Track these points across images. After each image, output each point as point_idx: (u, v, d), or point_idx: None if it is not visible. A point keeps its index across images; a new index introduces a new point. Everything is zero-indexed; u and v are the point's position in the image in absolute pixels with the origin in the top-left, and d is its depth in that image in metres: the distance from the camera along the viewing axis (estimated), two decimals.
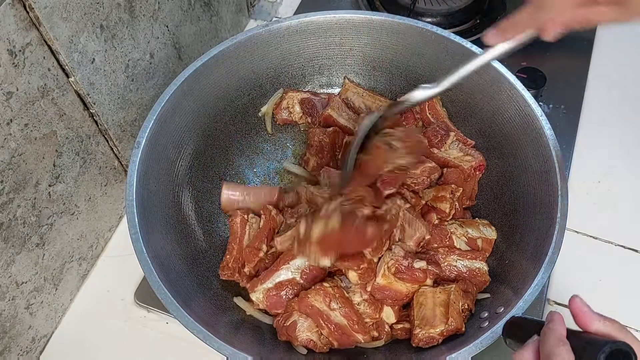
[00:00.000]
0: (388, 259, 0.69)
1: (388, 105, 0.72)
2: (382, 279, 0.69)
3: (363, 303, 0.70)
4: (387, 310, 0.71)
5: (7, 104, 0.60)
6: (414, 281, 0.68)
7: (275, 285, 0.71)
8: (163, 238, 0.71)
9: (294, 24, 0.83)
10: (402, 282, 0.68)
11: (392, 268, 0.68)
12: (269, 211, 0.77)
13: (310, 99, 0.88)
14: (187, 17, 0.89)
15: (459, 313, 0.67)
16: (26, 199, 0.67)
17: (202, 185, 0.82)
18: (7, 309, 0.70)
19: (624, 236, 0.86)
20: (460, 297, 0.69)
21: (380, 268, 0.69)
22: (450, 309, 0.67)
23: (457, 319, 0.66)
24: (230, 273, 0.75)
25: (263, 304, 0.71)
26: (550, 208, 0.67)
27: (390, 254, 0.69)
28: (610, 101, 1.00)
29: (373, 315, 0.70)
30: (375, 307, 0.70)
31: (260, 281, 0.72)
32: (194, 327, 0.60)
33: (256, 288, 0.71)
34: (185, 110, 0.78)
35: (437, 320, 0.66)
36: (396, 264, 0.68)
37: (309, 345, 0.69)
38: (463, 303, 0.69)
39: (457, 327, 0.66)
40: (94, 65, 0.71)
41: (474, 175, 0.81)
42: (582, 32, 1.11)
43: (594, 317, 0.46)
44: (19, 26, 0.59)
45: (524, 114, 0.74)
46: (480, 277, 0.72)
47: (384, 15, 0.83)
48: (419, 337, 0.66)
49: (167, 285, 0.63)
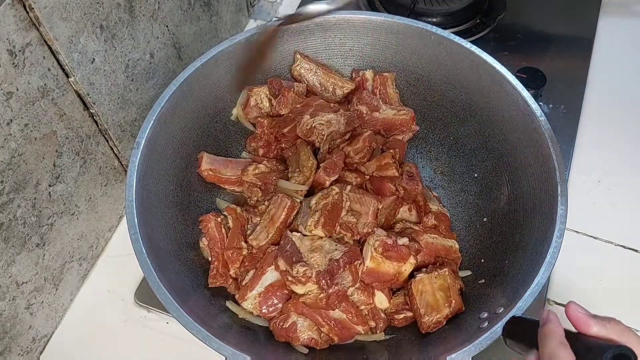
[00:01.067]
0: (373, 241, 0.70)
1: (287, 16, 0.74)
2: (371, 262, 0.70)
3: (355, 292, 0.71)
4: (379, 295, 0.72)
5: (7, 104, 0.60)
6: (400, 258, 0.70)
7: (266, 288, 0.71)
8: (163, 239, 0.71)
9: (294, 24, 0.83)
10: (389, 261, 0.70)
11: (380, 248, 0.69)
12: (234, 210, 0.77)
13: (277, 80, 0.85)
14: (187, 17, 0.89)
15: (458, 294, 0.71)
16: (26, 199, 0.67)
17: (201, 186, 0.82)
18: (7, 309, 0.70)
19: (624, 236, 0.86)
20: (454, 278, 0.72)
21: (367, 252, 0.70)
22: (450, 291, 0.70)
23: (457, 300, 0.70)
24: (223, 280, 0.74)
25: (257, 310, 0.71)
26: (550, 208, 0.67)
27: (373, 236, 0.71)
28: (610, 101, 1.00)
29: (367, 301, 0.71)
30: (367, 293, 0.71)
31: (248, 288, 0.71)
32: (193, 328, 0.60)
33: (246, 296, 0.70)
34: (185, 110, 0.78)
35: (441, 304, 0.69)
36: (382, 243, 0.70)
37: (311, 343, 0.69)
38: (457, 283, 0.72)
39: (458, 307, 0.70)
40: (93, 65, 0.71)
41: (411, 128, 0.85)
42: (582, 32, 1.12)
43: (591, 322, 0.46)
44: (19, 26, 0.59)
45: (523, 114, 0.74)
46: (454, 254, 0.76)
47: (383, 16, 0.83)
48: (427, 323, 0.69)
49: (166, 286, 0.62)
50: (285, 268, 0.68)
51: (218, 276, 0.73)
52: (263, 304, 0.70)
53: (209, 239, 0.75)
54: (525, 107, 0.73)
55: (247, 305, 0.71)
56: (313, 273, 0.67)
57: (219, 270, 0.74)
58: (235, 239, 0.75)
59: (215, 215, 0.77)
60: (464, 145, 0.85)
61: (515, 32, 1.08)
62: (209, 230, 0.75)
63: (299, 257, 0.68)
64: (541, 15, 1.11)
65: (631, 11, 1.13)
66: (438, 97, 0.86)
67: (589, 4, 1.13)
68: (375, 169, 0.80)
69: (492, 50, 0.80)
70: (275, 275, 0.71)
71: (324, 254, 0.69)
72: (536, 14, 1.12)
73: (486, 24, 1.09)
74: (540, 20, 1.11)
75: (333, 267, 0.68)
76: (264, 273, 0.71)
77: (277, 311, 0.71)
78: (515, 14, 1.11)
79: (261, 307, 0.70)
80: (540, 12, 1.12)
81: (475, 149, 0.84)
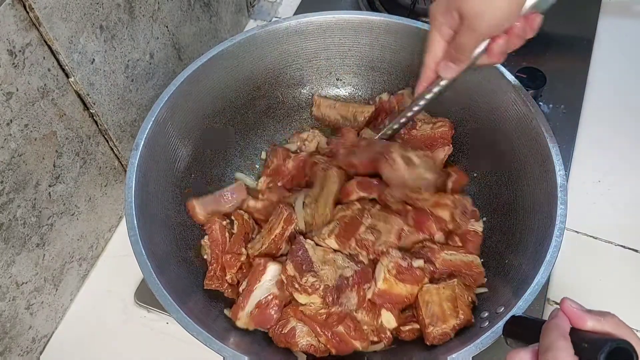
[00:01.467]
0: (387, 262, 0.68)
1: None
2: (383, 284, 0.67)
3: (361, 311, 0.69)
4: (387, 315, 0.69)
5: (7, 105, 0.60)
6: (414, 281, 0.68)
7: (257, 305, 0.69)
8: (162, 240, 0.71)
9: (293, 24, 0.83)
10: (402, 284, 0.68)
11: (393, 270, 0.67)
12: (241, 216, 0.76)
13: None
14: (186, 18, 0.89)
15: (467, 305, 0.68)
16: (26, 199, 0.68)
17: (201, 187, 0.82)
18: (7, 310, 0.70)
19: (624, 236, 0.85)
20: (464, 290, 0.69)
21: (380, 272, 0.68)
22: (458, 302, 0.67)
23: (466, 311, 0.67)
24: (218, 284, 0.73)
25: (252, 326, 0.70)
26: (549, 208, 0.67)
27: (388, 257, 0.69)
28: (610, 101, 0.99)
29: (371, 323, 0.69)
30: (373, 314, 0.69)
31: (240, 308, 0.69)
32: (193, 329, 0.60)
33: (239, 315, 0.69)
34: (184, 111, 0.78)
35: (447, 315, 0.66)
36: (396, 265, 0.68)
37: (310, 350, 0.68)
38: (467, 295, 0.69)
39: (467, 319, 0.66)
40: (93, 65, 0.71)
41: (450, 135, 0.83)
42: (582, 32, 1.11)
43: (586, 316, 0.46)
44: (19, 26, 0.59)
45: (522, 113, 0.74)
46: (476, 269, 0.73)
47: (382, 16, 0.83)
48: (433, 334, 0.66)
49: (166, 287, 0.62)
50: (293, 274, 0.67)
51: (215, 279, 0.73)
52: (257, 320, 0.69)
53: (211, 240, 0.75)
54: (524, 107, 0.73)
55: (240, 324, 0.70)
56: (321, 286, 0.66)
57: (216, 273, 0.73)
58: (236, 245, 0.74)
59: (221, 217, 0.76)
60: (463, 145, 0.85)
61: None
62: (213, 232, 0.75)
63: (309, 267, 0.67)
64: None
65: (631, 11, 1.13)
66: None
67: (589, 4, 1.12)
68: (431, 204, 0.75)
69: None
70: (264, 291, 0.70)
71: (335, 268, 0.68)
72: None
73: None
74: None
75: (342, 285, 0.66)
76: (253, 291, 0.70)
77: (274, 320, 0.69)
78: None
79: (256, 324, 0.69)
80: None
81: (474, 149, 0.84)
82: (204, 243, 0.76)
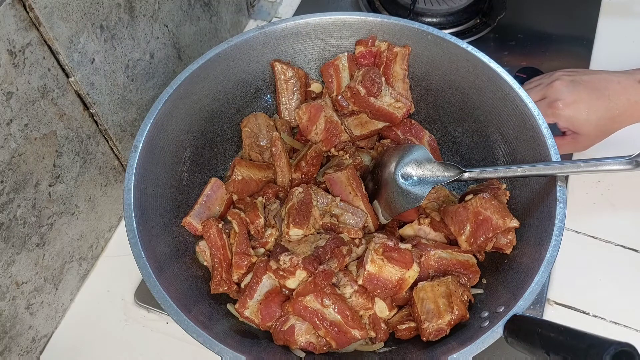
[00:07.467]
0: (373, 244, 0.69)
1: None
2: (372, 266, 0.68)
3: (354, 295, 0.70)
4: (380, 303, 0.71)
5: (7, 104, 0.61)
6: (402, 263, 0.68)
7: (265, 295, 0.70)
8: (162, 242, 0.71)
9: (290, 25, 0.82)
10: (390, 265, 0.68)
11: (380, 249, 0.68)
12: (237, 214, 0.75)
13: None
14: (187, 17, 0.89)
15: (462, 301, 0.68)
16: (26, 199, 0.68)
17: (200, 188, 0.82)
18: (7, 309, 0.70)
19: (624, 236, 0.86)
20: (458, 286, 0.70)
21: (368, 255, 0.69)
22: (452, 297, 0.68)
23: (461, 307, 0.67)
24: (227, 287, 0.72)
25: (258, 318, 0.70)
26: (549, 208, 0.67)
27: (374, 239, 0.70)
28: None
29: (366, 306, 0.70)
30: (367, 297, 0.70)
31: (248, 297, 0.70)
32: (193, 331, 0.60)
33: (247, 304, 0.70)
34: (182, 113, 0.78)
35: (442, 310, 0.67)
36: (383, 245, 0.68)
37: (309, 347, 0.68)
38: (462, 292, 0.70)
39: (462, 314, 0.67)
40: (93, 65, 0.71)
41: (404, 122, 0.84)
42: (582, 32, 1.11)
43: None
44: (19, 26, 0.59)
45: (521, 113, 0.74)
46: (471, 268, 0.73)
47: (379, 17, 0.83)
48: (428, 330, 0.67)
49: (165, 289, 0.62)
50: (275, 266, 0.69)
51: (222, 282, 0.72)
52: (264, 311, 0.70)
53: (210, 245, 0.74)
54: (522, 106, 0.73)
55: (248, 313, 0.70)
56: (299, 260, 0.67)
57: (223, 277, 0.72)
58: (243, 244, 0.74)
59: (216, 220, 0.75)
60: (461, 145, 0.85)
61: (515, 32, 1.08)
62: (211, 236, 0.74)
63: (284, 250, 0.70)
64: (541, 15, 1.12)
65: (631, 11, 1.13)
66: (435, 97, 0.86)
67: (589, 4, 1.13)
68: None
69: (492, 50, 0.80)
70: (271, 282, 0.71)
71: (309, 244, 0.71)
72: (536, 14, 1.12)
73: (486, 23, 1.09)
74: (540, 20, 1.11)
75: (319, 252, 0.68)
76: (260, 281, 0.71)
77: (274, 317, 0.70)
78: (516, 14, 1.11)
79: (262, 315, 0.70)
80: (540, 12, 1.12)
81: (472, 149, 0.84)
82: (199, 250, 0.76)
